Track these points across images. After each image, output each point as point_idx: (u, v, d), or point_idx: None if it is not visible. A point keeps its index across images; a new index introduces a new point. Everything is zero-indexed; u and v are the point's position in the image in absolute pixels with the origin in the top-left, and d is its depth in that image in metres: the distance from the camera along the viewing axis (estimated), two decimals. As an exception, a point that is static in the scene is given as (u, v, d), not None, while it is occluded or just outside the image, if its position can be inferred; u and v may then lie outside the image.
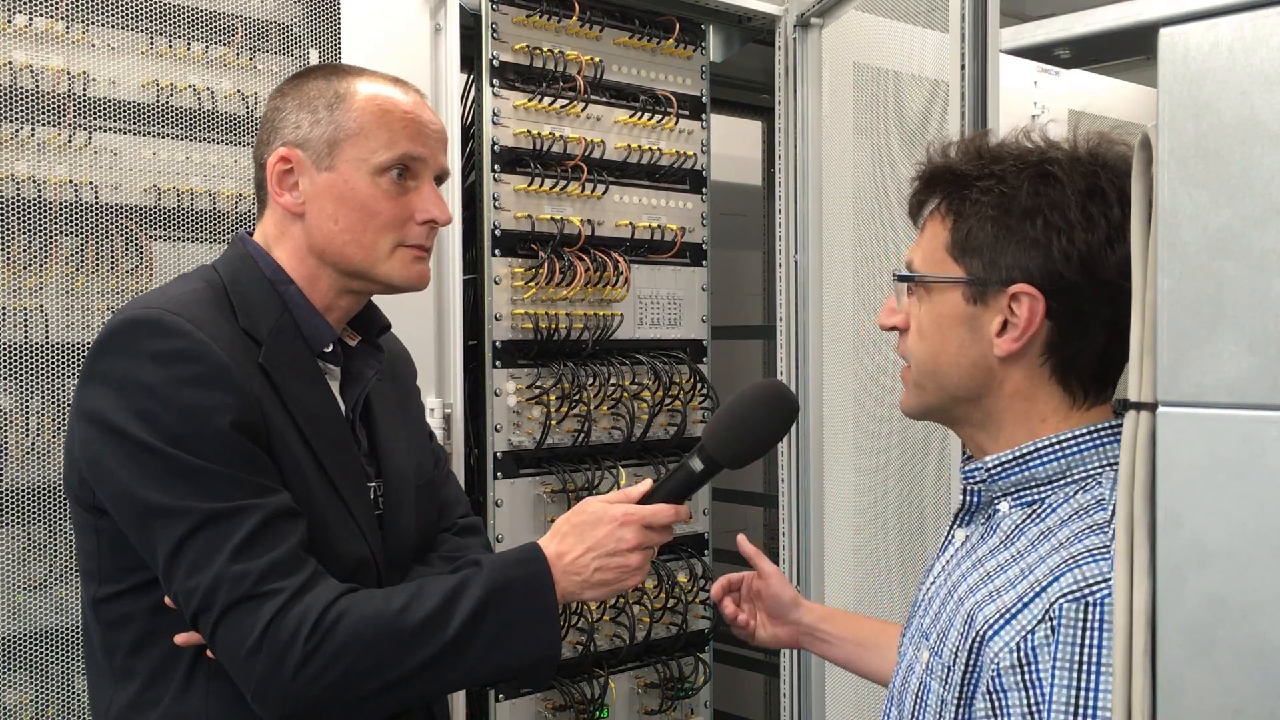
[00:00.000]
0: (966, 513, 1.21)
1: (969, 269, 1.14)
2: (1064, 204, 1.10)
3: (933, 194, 1.19)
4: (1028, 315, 1.11)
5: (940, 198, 1.18)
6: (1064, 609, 1.00)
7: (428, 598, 1.33)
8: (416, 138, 1.44)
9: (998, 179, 1.13)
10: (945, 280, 1.15)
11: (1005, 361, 1.13)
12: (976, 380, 1.15)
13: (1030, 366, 1.14)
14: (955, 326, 1.15)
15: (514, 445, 2.32)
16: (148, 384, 1.29)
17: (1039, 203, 1.11)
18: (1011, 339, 1.12)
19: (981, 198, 1.13)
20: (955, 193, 1.16)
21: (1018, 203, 1.11)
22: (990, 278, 1.12)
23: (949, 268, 1.15)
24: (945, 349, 1.16)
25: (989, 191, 1.13)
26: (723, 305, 2.96)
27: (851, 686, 2.48)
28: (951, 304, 1.15)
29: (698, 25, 2.59)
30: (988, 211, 1.13)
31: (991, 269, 1.12)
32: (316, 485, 1.38)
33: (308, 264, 1.44)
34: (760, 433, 1.42)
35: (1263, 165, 0.80)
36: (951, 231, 1.15)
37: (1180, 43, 0.84)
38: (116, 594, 1.37)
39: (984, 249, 1.13)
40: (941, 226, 1.16)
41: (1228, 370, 0.82)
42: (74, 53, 1.79)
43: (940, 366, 1.16)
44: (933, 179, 1.19)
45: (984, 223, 1.13)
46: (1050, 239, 1.10)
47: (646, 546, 1.43)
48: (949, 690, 1.08)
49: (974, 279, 1.13)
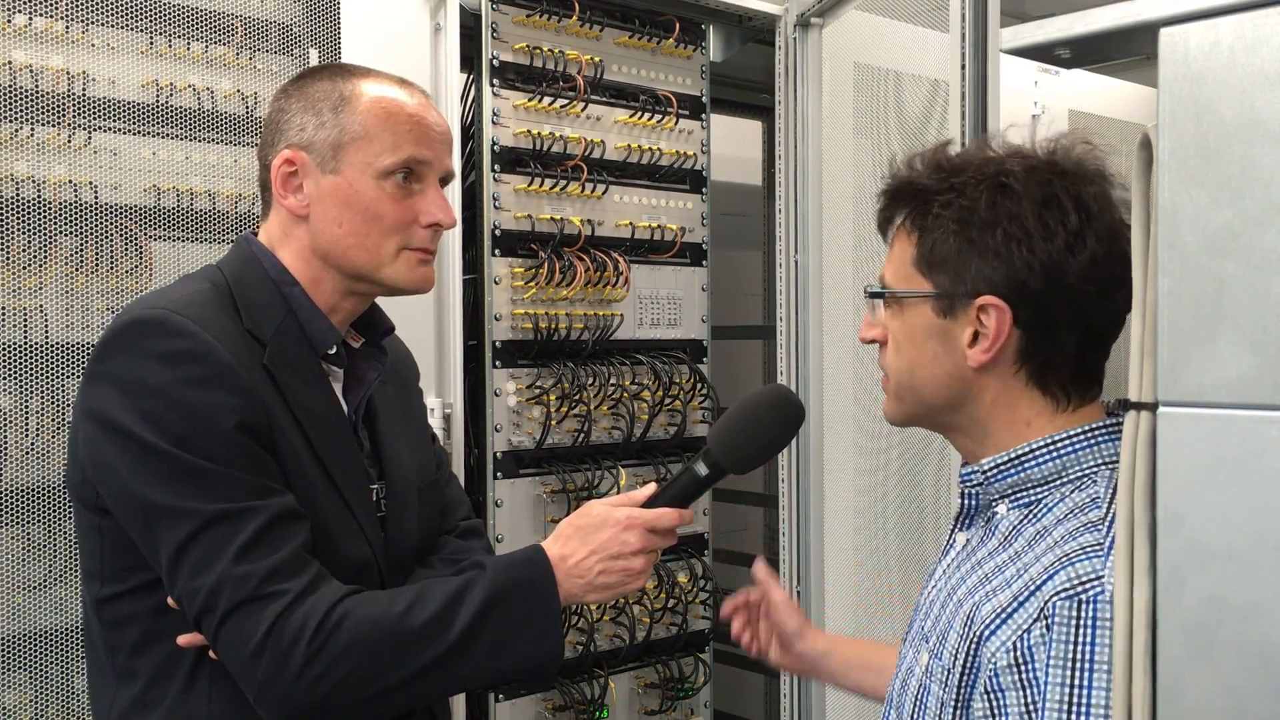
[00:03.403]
0: (966, 516, 1.22)
1: (936, 283, 1.15)
2: (1020, 214, 1.11)
3: (898, 209, 1.20)
4: (996, 326, 1.12)
5: (905, 213, 1.19)
6: (1058, 607, 1.00)
7: (431, 600, 1.33)
8: (422, 141, 1.44)
9: (957, 192, 1.14)
10: (914, 295, 1.17)
11: (980, 371, 1.15)
12: (954, 390, 1.17)
13: (1005, 375, 1.15)
14: (928, 340, 1.17)
15: (514, 445, 2.32)
16: (152, 384, 1.29)
17: (997, 214, 1.12)
18: (982, 350, 1.13)
19: (943, 211, 1.14)
20: (918, 207, 1.17)
21: (977, 215, 1.13)
22: (957, 291, 1.14)
23: (917, 282, 1.17)
24: (920, 362, 1.18)
25: (949, 205, 1.14)
26: (723, 305, 2.96)
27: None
28: (923, 317, 1.17)
29: (698, 25, 2.59)
30: (949, 225, 1.14)
31: (957, 282, 1.14)
32: (319, 487, 1.38)
33: (312, 265, 1.44)
34: (766, 438, 1.42)
35: (1263, 165, 0.80)
36: (917, 246, 1.17)
37: (1180, 43, 0.84)
38: (119, 594, 1.37)
39: (948, 263, 1.14)
40: (908, 241, 1.18)
41: (1228, 370, 0.82)
42: (74, 52, 1.79)
43: (917, 379, 1.18)
44: (897, 194, 1.20)
45: (946, 236, 1.14)
46: (1011, 250, 1.11)
47: (650, 550, 1.42)
48: (948, 692, 1.09)
49: (941, 293, 1.15)
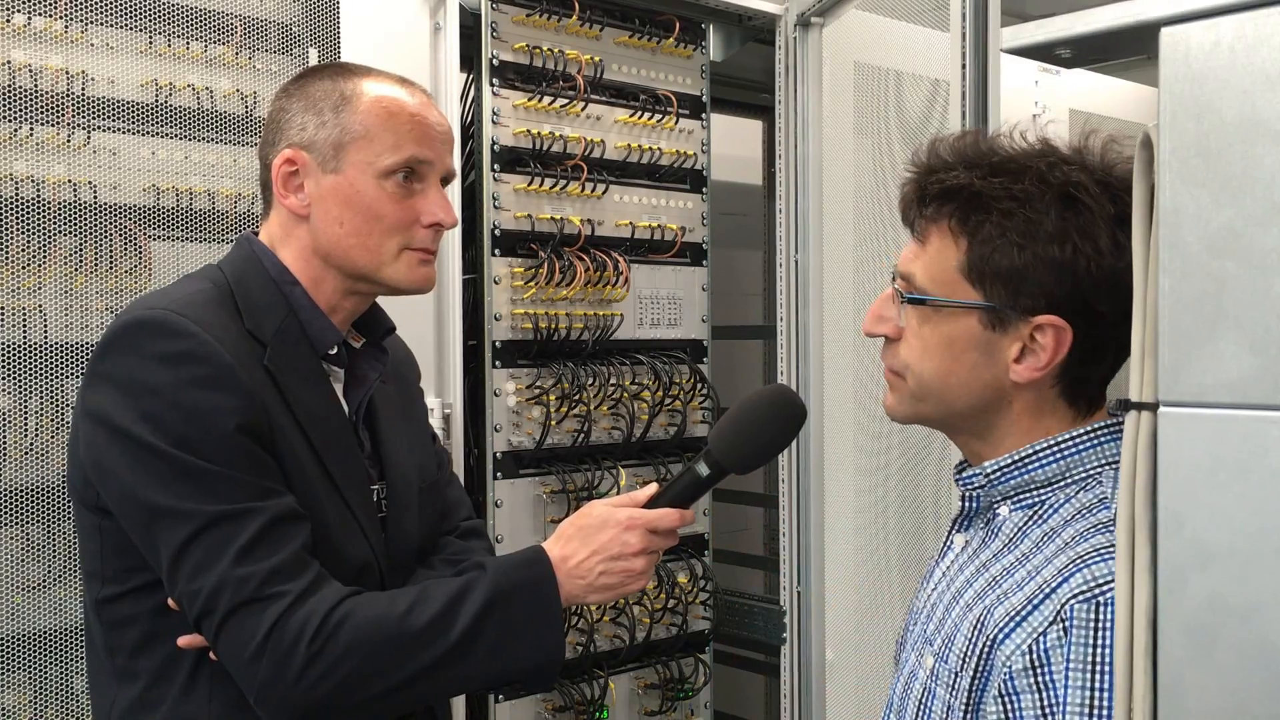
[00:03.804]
0: (965, 518, 1.21)
1: (988, 295, 1.10)
2: (1094, 232, 1.06)
3: (944, 207, 1.13)
4: (1054, 346, 1.08)
5: (951, 213, 1.12)
6: (1075, 610, 0.99)
7: (432, 601, 1.33)
8: (423, 140, 1.43)
9: (1019, 201, 1.08)
10: (965, 305, 1.11)
11: (1019, 385, 1.11)
12: (985, 400, 1.13)
13: (1042, 388, 1.12)
14: (968, 350, 1.12)
15: (514, 445, 2.31)
16: (153, 385, 1.29)
17: (1066, 229, 1.07)
18: (1032, 367, 1.09)
19: (1004, 221, 1.08)
20: (970, 211, 1.10)
21: (1044, 229, 1.07)
22: (1013, 305, 1.09)
23: (963, 290, 1.11)
24: (956, 372, 1.13)
25: (1011, 215, 1.08)
26: (723, 305, 2.96)
27: (852, 687, 2.48)
28: (965, 328, 1.11)
29: (698, 24, 2.59)
30: (1013, 237, 1.08)
31: (1015, 297, 1.08)
32: (320, 487, 1.38)
33: (313, 265, 1.44)
34: (767, 438, 1.41)
35: (1264, 165, 0.80)
36: (967, 253, 1.10)
37: (1181, 42, 0.84)
38: (119, 595, 1.37)
39: (1008, 276, 1.08)
40: (953, 245, 1.11)
41: (1229, 370, 0.82)
42: (73, 52, 1.78)
43: (949, 387, 1.13)
44: (946, 194, 1.12)
45: (1009, 247, 1.08)
46: (1079, 265, 1.06)
47: (651, 551, 1.42)
48: (956, 696, 1.07)
49: (995, 305, 1.09)
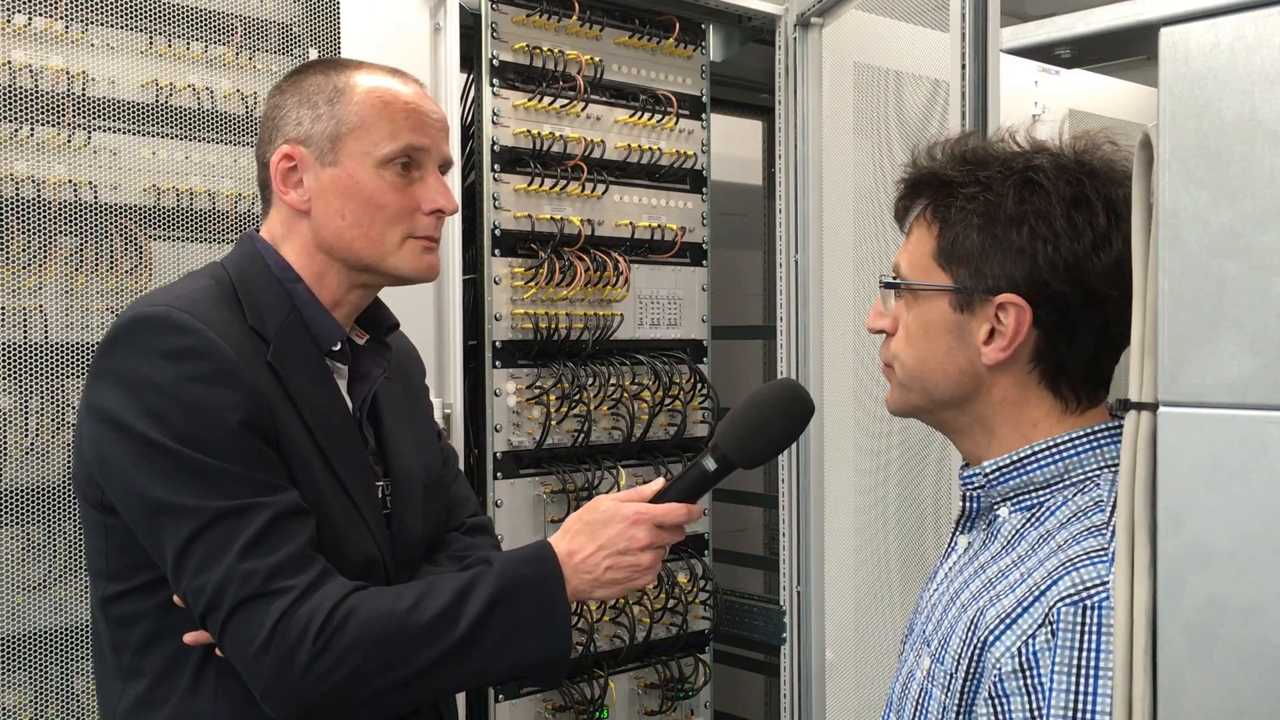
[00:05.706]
0: (968, 519, 1.21)
1: (955, 277, 1.13)
2: (1050, 213, 1.09)
3: (918, 198, 1.18)
4: (1015, 325, 1.11)
5: (926, 203, 1.17)
6: (1063, 613, 1.00)
7: (437, 595, 1.33)
8: (419, 128, 1.44)
9: (983, 186, 1.12)
10: (932, 288, 1.15)
11: (993, 369, 1.13)
12: (964, 386, 1.15)
13: (1019, 373, 1.14)
14: (942, 333, 1.15)
15: (514, 445, 2.31)
16: (157, 381, 1.29)
17: (1024, 211, 1.10)
18: (999, 348, 1.12)
19: (967, 205, 1.12)
20: (941, 199, 1.15)
21: (1003, 211, 1.11)
22: (976, 286, 1.12)
23: (936, 275, 1.15)
24: (932, 355, 1.16)
25: (974, 199, 1.12)
26: (723, 305, 2.96)
27: (852, 687, 2.48)
28: (938, 311, 1.15)
29: (698, 25, 2.59)
30: (973, 220, 1.12)
31: (978, 278, 1.12)
32: (324, 484, 1.38)
33: (316, 260, 1.44)
34: (774, 432, 1.41)
35: (1264, 165, 0.80)
36: (938, 238, 1.15)
37: (1181, 42, 0.84)
38: (125, 592, 1.37)
39: (970, 257, 1.12)
40: (928, 233, 1.16)
41: (1229, 370, 0.82)
42: (73, 52, 1.79)
43: (927, 372, 1.16)
44: (919, 184, 1.18)
45: (970, 230, 1.12)
46: (1036, 248, 1.09)
47: (658, 546, 1.42)
48: (950, 696, 1.08)
49: (960, 287, 1.13)
